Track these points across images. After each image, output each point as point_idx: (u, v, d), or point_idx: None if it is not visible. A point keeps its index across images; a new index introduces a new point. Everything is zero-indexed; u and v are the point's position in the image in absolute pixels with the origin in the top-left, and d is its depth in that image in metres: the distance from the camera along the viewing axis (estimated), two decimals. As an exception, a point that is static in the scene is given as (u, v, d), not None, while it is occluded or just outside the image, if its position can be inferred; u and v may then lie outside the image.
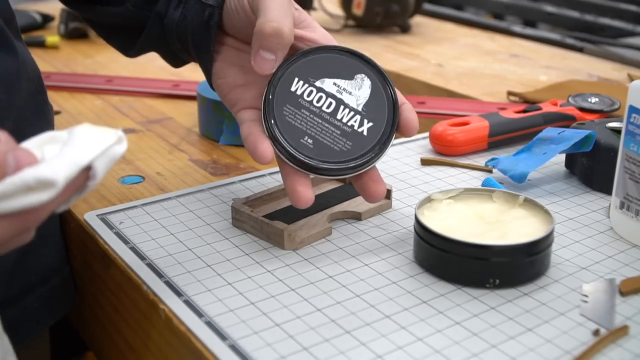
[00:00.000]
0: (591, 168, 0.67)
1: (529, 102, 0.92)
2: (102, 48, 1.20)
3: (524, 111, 0.79)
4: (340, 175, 0.53)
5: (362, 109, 0.51)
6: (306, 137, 0.50)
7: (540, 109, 0.79)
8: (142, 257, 0.56)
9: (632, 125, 0.56)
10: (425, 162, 0.73)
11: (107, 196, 0.67)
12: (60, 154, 0.38)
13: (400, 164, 0.73)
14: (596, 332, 0.47)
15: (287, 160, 0.52)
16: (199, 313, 0.49)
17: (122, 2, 0.64)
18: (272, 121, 0.52)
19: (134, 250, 0.57)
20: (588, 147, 0.66)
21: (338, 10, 1.41)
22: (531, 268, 0.52)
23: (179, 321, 0.48)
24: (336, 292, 0.51)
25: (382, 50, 1.23)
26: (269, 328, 0.47)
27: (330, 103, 0.51)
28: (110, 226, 0.60)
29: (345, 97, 0.51)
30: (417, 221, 0.54)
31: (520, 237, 0.52)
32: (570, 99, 0.81)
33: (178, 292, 0.51)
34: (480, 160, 0.73)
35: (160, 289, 0.52)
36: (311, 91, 0.52)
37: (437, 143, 0.75)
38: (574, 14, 1.58)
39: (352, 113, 0.51)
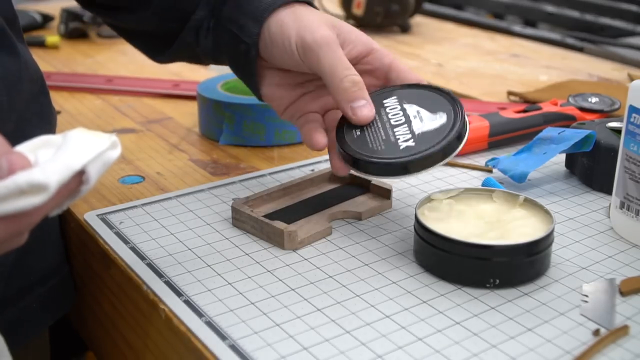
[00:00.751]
0: (591, 168, 0.67)
1: (529, 102, 0.92)
2: (102, 48, 1.20)
3: (524, 111, 0.79)
4: (357, 164, 0.56)
5: (418, 134, 0.54)
6: (357, 130, 0.56)
7: (540, 108, 0.79)
8: (142, 257, 0.56)
9: (632, 125, 0.56)
10: (425, 162, 0.73)
11: (107, 196, 0.66)
12: (54, 158, 0.38)
13: (400, 164, 0.73)
14: (596, 332, 0.47)
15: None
16: (199, 313, 0.49)
17: (145, 8, 0.66)
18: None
19: (134, 250, 0.57)
20: (588, 147, 0.66)
21: (338, 10, 1.41)
22: (531, 268, 0.52)
23: (179, 321, 0.48)
24: (336, 292, 0.51)
25: (382, 50, 1.23)
26: (269, 328, 0.47)
27: (400, 120, 0.56)
28: (110, 226, 0.60)
29: (414, 122, 0.55)
30: (418, 221, 0.54)
31: (521, 237, 0.52)
32: (570, 99, 0.81)
33: (178, 292, 0.51)
34: (481, 160, 0.73)
35: (160, 289, 0.52)
36: (395, 107, 0.57)
37: (437, 143, 0.75)
38: (574, 13, 1.58)
39: (408, 133, 0.55)
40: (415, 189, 0.67)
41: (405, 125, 0.55)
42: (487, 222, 0.55)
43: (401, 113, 0.56)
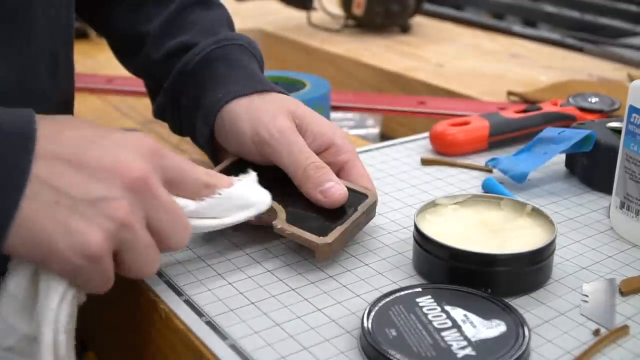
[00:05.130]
0: (591, 168, 0.67)
1: (529, 102, 0.92)
2: (102, 48, 1.20)
3: (524, 111, 0.79)
4: None
5: (475, 342, 0.45)
6: (392, 330, 0.46)
7: (540, 108, 0.79)
8: (142, 257, 0.56)
9: (632, 125, 0.56)
10: (425, 162, 0.73)
11: (107, 196, 0.66)
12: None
13: (400, 164, 0.73)
14: (596, 332, 0.47)
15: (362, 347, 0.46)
16: (199, 313, 0.49)
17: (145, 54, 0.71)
18: (372, 306, 0.48)
19: (134, 250, 0.57)
20: (588, 147, 0.66)
21: (338, 10, 1.41)
22: (531, 277, 0.51)
23: (179, 321, 0.48)
24: (336, 292, 0.51)
25: (382, 50, 1.23)
26: (269, 328, 0.47)
27: (445, 323, 0.46)
28: (110, 226, 0.60)
29: (465, 327, 0.46)
30: (415, 227, 0.53)
31: (521, 246, 0.51)
32: (570, 99, 0.81)
33: (178, 292, 0.51)
34: (481, 160, 0.73)
35: (160, 289, 0.52)
36: (434, 309, 0.48)
37: (438, 143, 0.75)
38: (574, 14, 1.58)
39: (461, 338, 0.45)
40: (416, 189, 0.67)
41: (455, 329, 0.45)
42: (490, 230, 0.54)
43: (444, 316, 0.47)
